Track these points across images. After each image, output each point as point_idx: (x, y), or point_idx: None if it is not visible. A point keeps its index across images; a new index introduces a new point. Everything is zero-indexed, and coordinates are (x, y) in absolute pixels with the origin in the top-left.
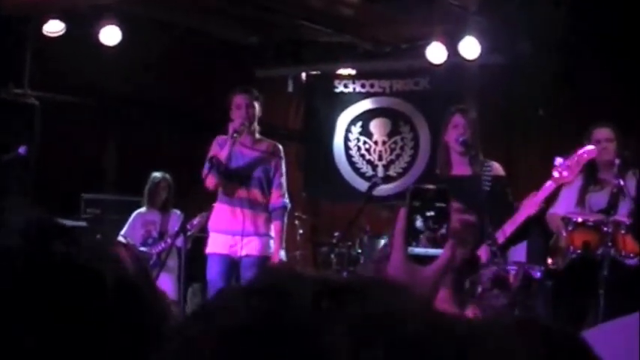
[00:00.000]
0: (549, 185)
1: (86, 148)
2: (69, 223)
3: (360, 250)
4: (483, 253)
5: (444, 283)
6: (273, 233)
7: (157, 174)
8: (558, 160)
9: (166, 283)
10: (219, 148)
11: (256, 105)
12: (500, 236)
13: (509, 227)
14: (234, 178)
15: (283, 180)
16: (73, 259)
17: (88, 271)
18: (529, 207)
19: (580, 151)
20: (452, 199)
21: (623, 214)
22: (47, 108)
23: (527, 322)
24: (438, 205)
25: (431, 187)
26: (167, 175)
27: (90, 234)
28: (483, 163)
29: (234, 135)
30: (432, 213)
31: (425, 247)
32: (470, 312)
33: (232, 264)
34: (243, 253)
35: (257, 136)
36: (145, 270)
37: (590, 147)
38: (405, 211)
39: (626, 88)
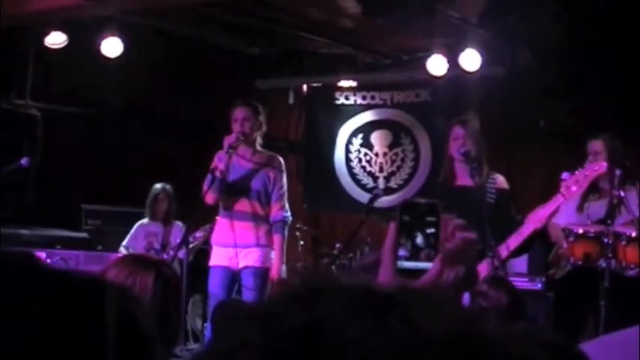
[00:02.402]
0: (557, 199)
1: (87, 159)
2: (70, 234)
3: None
4: (485, 266)
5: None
6: (273, 245)
7: (157, 185)
8: (566, 175)
9: None
10: (220, 162)
11: (256, 118)
12: (504, 250)
13: (513, 241)
14: (233, 191)
15: (283, 193)
16: None
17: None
18: (535, 221)
19: (591, 166)
20: (442, 214)
21: (620, 224)
22: (49, 119)
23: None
24: (428, 219)
25: (422, 201)
26: (167, 186)
27: (91, 245)
28: (488, 175)
29: (230, 150)
30: (432, 230)
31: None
32: None
33: (233, 276)
34: (243, 264)
35: (258, 148)
36: (170, 293)
37: (602, 163)
38: (394, 226)
39: (627, 99)
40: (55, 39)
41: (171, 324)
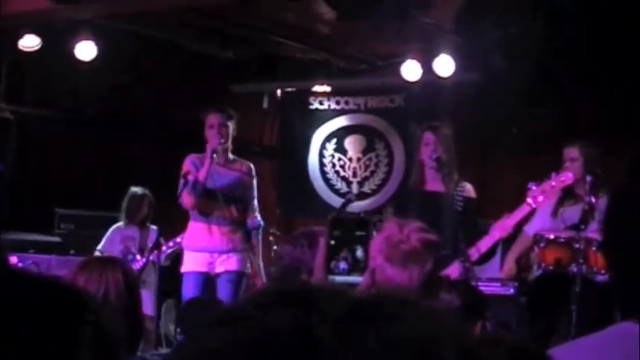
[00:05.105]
0: (523, 209)
1: (60, 163)
2: (43, 238)
3: None
4: (455, 269)
5: None
6: (250, 250)
7: (137, 190)
8: (532, 184)
9: (145, 299)
10: (193, 167)
11: (230, 124)
12: (475, 252)
13: (484, 244)
14: (211, 198)
15: (256, 200)
16: None
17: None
18: (501, 230)
19: (558, 177)
20: (372, 229)
21: (592, 230)
22: (22, 122)
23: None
24: (358, 234)
25: (351, 216)
26: (147, 191)
27: (64, 249)
28: (458, 183)
29: (213, 156)
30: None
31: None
32: None
33: (208, 281)
34: (221, 269)
35: (230, 155)
36: (135, 290)
37: (568, 173)
38: (325, 240)
39: (600, 105)
40: (29, 42)
41: (141, 317)
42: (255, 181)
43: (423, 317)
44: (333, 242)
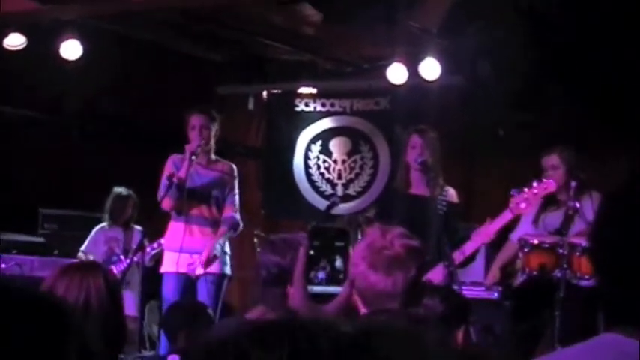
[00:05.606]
0: (505, 216)
1: (44, 162)
2: (26, 238)
3: None
4: (439, 273)
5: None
6: (227, 248)
7: (121, 190)
8: (514, 192)
9: (129, 300)
10: (175, 168)
11: (213, 126)
12: (460, 255)
13: (469, 247)
14: (192, 198)
15: (236, 198)
16: None
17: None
18: (483, 235)
19: (540, 185)
20: (351, 240)
21: (575, 233)
22: (5, 121)
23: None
24: (337, 244)
25: (331, 226)
26: (131, 192)
27: (47, 249)
28: (442, 187)
29: (192, 158)
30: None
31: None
32: None
33: (189, 282)
34: (202, 271)
35: (212, 156)
36: (117, 295)
37: (550, 181)
38: (304, 250)
39: (587, 109)
40: (14, 41)
41: (124, 322)
42: (236, 182)
43: (411, 349)
44: (312, 252)
